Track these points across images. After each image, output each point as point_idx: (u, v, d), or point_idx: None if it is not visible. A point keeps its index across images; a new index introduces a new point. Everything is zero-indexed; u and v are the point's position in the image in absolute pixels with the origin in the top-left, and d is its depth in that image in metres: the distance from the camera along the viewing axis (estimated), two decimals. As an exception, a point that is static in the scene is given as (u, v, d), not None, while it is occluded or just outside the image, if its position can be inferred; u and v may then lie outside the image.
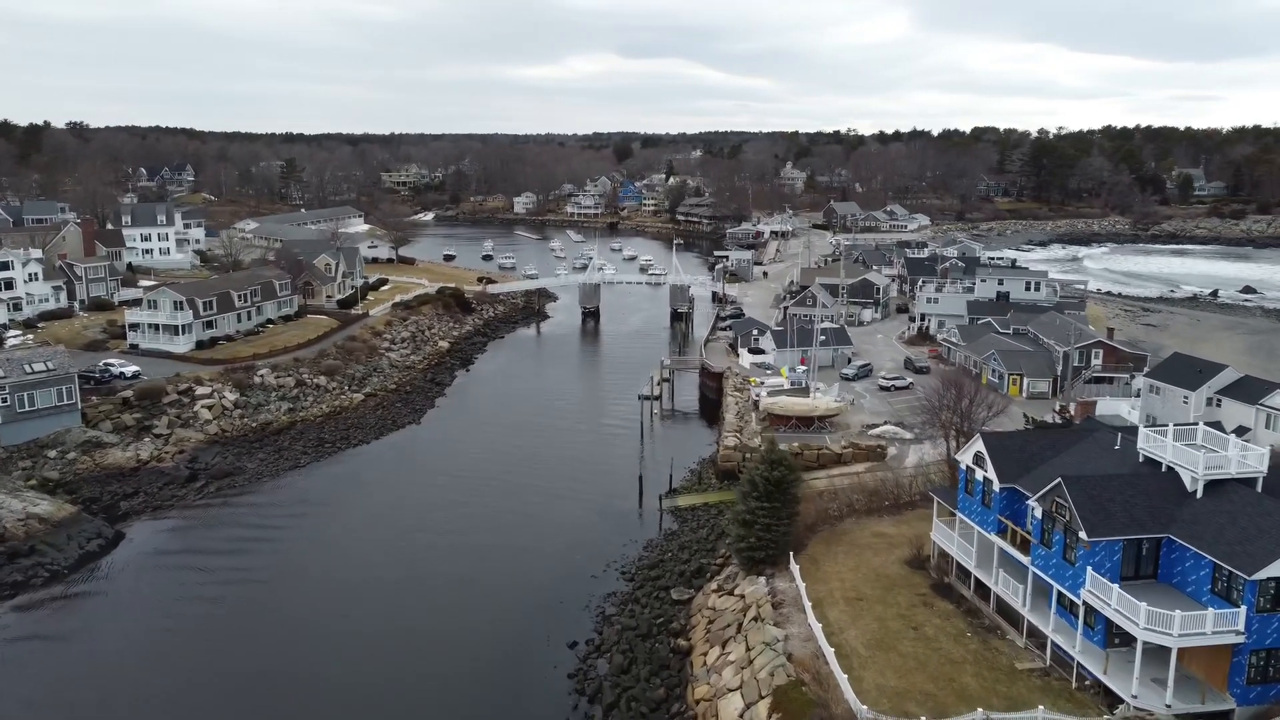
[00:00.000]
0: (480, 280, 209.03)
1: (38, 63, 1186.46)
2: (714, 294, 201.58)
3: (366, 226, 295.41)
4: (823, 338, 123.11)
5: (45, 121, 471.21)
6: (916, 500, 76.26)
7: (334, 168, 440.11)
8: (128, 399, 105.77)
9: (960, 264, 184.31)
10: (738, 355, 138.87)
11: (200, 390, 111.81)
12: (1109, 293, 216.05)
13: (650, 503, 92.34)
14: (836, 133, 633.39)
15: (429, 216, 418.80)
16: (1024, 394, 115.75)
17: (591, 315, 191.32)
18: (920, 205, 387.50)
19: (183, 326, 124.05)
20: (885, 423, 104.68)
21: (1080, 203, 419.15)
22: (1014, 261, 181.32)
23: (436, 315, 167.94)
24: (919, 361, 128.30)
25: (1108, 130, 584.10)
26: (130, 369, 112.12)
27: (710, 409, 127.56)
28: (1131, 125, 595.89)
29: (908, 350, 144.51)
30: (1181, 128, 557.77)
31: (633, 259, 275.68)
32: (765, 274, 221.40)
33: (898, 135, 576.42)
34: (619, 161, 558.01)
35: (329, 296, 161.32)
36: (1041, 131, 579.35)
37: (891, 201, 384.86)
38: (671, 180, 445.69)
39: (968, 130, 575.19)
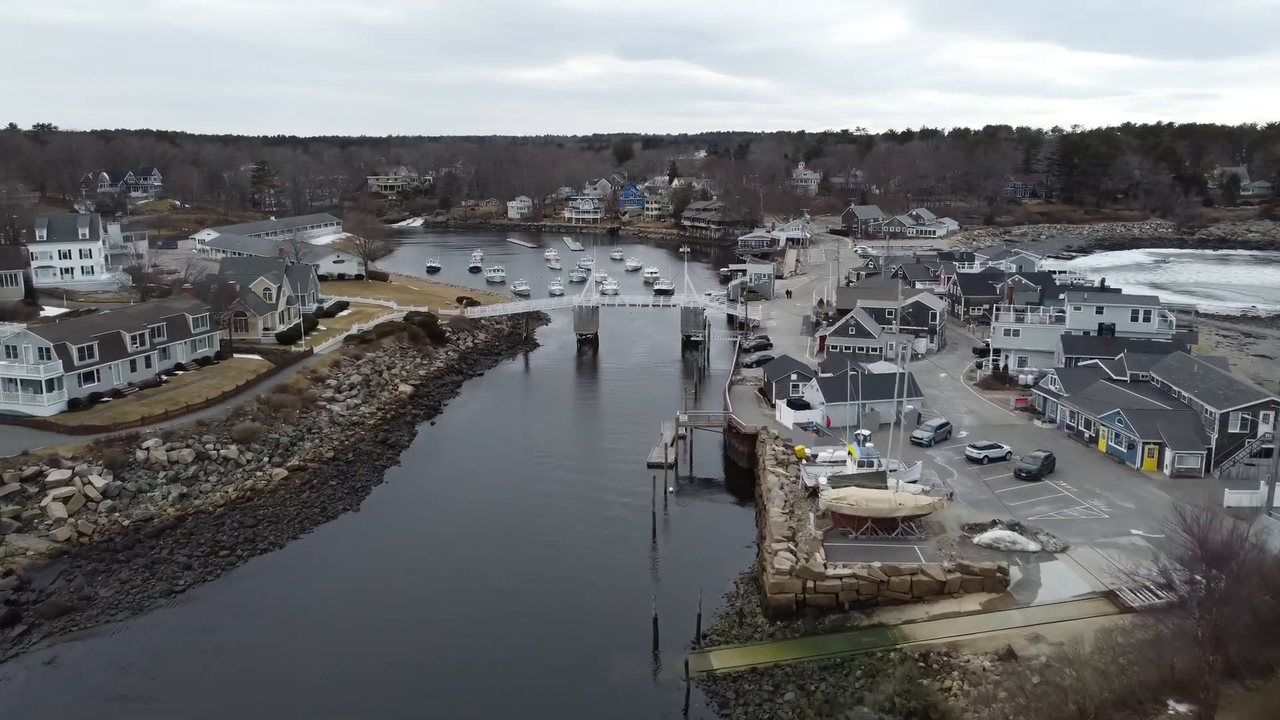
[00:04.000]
0: (460, 301, 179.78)
1: (28, 67, 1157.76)
2: (729, 315, 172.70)
3: (339, 236, 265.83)
4: (899, 402, 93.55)
5: (11, 124, 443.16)
6: (1112, 713, 46.84)
7: (315, 171, 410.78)
8: (-58, 494, 76.61)
9: (1026, 282, 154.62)
10: (773, 407, 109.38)
11: (54, 475, 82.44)
12: (1183, 310, 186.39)
13: (670, 663, 62.84)
14: (845, 132, 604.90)
15: (418, 222, 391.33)
16: (1166, 470, 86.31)
17: (588, 343, 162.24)
18: (944, 208, 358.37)
19: (49, 381, 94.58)
20: (995, 523, 75.15)
21: (1116, 204, 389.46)
22: (1104, 281, 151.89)
23: (400, 349, 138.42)
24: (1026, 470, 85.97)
25: (1128, 127, 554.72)
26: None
27: (740, 481, 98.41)
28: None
29: (983, 396, 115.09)
30: (1205, 124, 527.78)
31: (636, 270, 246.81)
32: (789, 293, 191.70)
33: (909, 134, 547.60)
34: (619, 163, 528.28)
35: (267, 329, 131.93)
36: (1055, 129, 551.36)
37: (913, 204, 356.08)
38: (676, 183, 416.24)
39: (978, 129, 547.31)
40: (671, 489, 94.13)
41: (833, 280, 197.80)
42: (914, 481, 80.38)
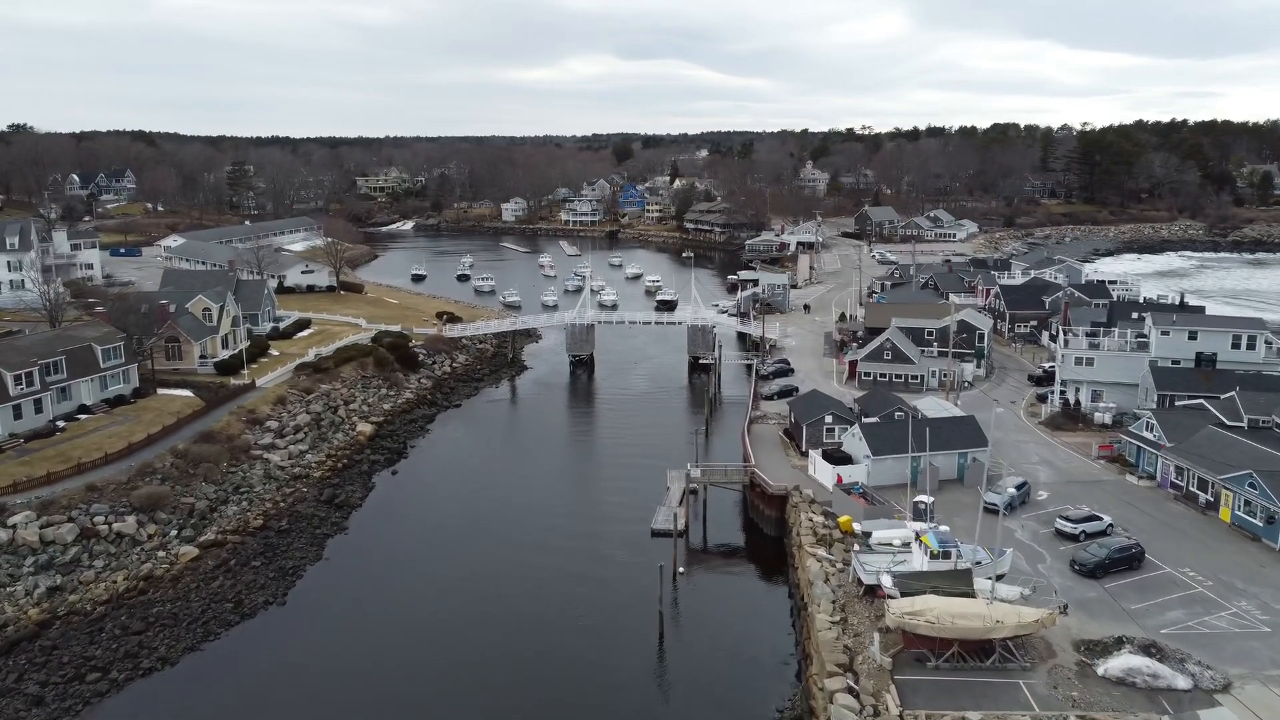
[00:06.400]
0: (439, 316, 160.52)
1: (25, 68, 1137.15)
2: (740, 333, 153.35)
3: (318, 242, 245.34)
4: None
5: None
6: None
7: (301, 173, 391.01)
8: None
9: (1081, 296, 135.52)
10: (803, 455, 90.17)
11: (-123, 569, 63.24)
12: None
13: None
14: (850, 130, 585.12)
15: (408, 226, 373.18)
16: (1319, 552, 67.12)
17: (582, 364, 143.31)
18: (961, 209, 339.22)
19: (-103, 437, 75.56)
20: (1122, 642, 55.78)
21: (1141, 204, 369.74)
22: (1182, 297, 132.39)
23: (362, 379, 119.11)
24: None
25: (1140, 124, 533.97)
26: None
27: (766, 552, 79.50)
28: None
29: (1054, 439, 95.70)
30: (1224, 121, 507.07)
31: (636, 277, 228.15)
32: (807, 307, 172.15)
33: (915, 133, 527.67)
34: (619, 163, 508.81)
35: (204, 356, 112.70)
36: (1064, 127, 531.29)
37: (926, 204, 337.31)
38: (677, 183, 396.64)
39: (985, 127, 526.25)
40: (681, 569, 74.86)
41: (855, 291, 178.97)
42: (999, 577, 60.72)
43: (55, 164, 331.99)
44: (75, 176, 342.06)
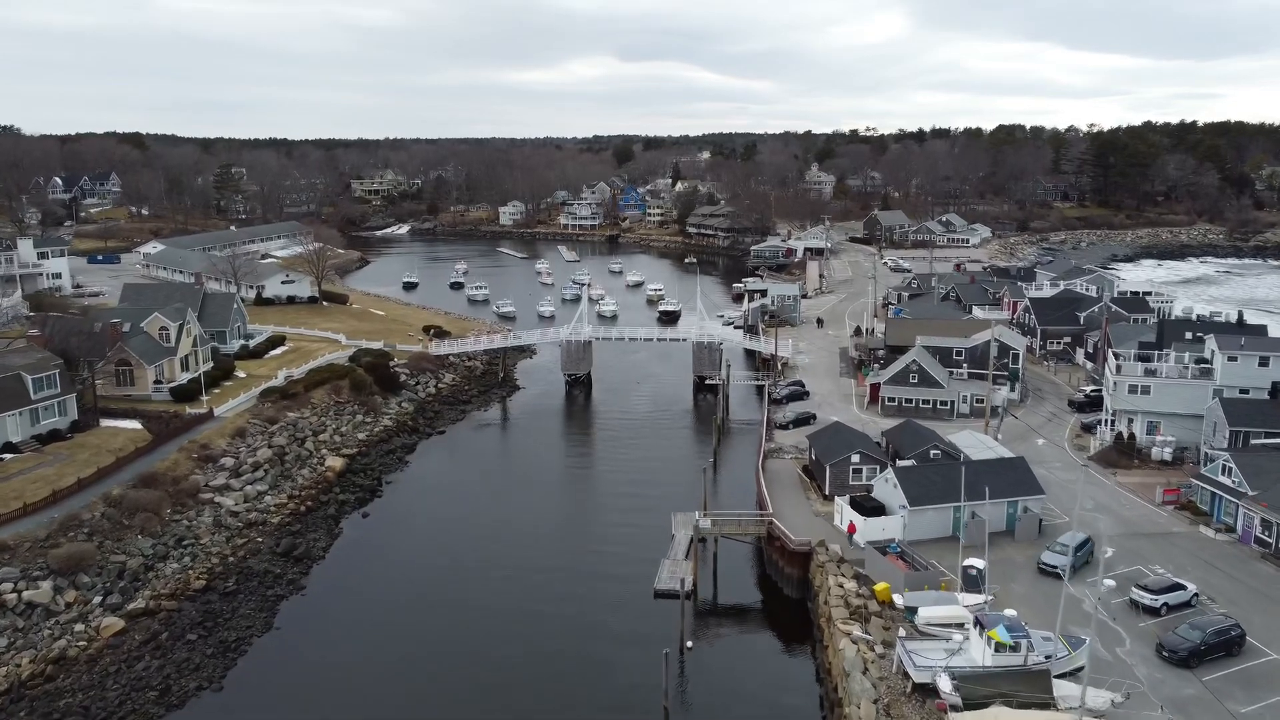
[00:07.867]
0: (426, 331, 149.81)
1: (23, 70, 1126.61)
2: (747, 350, 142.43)
3: (290, 251, 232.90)
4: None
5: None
6: None
7: (297, 176, 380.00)
8: None
9: (1118, 310, 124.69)
10: (826, 498, 79.35)
11: None
12: None
13: None
14: (854, 131, 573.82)
15: (403, 229, 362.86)
16: None
17: (579, 384, 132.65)
18: (972, 213, 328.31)
19: None
20: (1241, 768, 45.06)
21: (1157, 207, 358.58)
22: (1241, 315, 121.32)
23: (335, 405, 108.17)
24: None
25: (1149, 125, 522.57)
26: None
27: (786, 616, 68.99)
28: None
29: (1110, 479, 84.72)
30: (1238, 121, 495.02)
31: (638, 285, 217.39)
32: (820, 321, 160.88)
33: (921, 134, 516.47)
34: (619, 165, 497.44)
35: (159, 381, 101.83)
36: (1071, 128, 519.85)
37: (935, 208, 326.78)
38: (680, 186, 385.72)
39: (990, 129, 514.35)
40: (689, 643, 63.99)
41: (870, 302, 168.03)
42: (1073, 672, 49.80)
43: (38, 167, 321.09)
44: (58, 180, 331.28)
